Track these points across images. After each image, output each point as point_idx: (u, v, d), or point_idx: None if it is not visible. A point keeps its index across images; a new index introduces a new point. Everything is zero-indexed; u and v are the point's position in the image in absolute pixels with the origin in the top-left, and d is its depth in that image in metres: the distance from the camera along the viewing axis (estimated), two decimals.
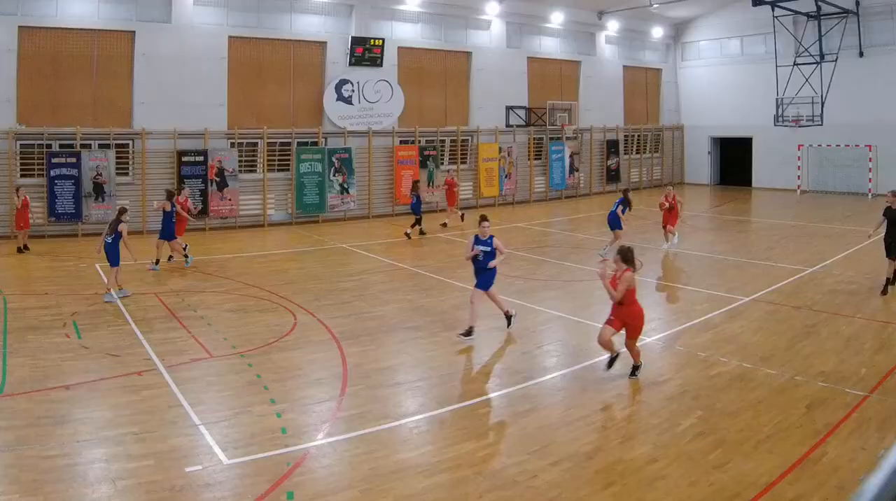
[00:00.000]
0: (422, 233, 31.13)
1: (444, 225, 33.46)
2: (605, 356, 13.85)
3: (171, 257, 24.81)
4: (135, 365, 14.08)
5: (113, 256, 19.99)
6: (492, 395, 12.94)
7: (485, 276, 16.21)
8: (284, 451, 10.36)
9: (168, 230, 24.06)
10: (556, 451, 10.36)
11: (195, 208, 31.34)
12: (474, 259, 16.16)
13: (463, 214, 34.43)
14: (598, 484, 9.44)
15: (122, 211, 20.94)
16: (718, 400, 12.37)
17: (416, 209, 31.23)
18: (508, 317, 16.65)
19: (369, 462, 10.10)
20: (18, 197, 27.17)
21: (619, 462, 10.06)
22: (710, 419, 11.54)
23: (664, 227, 27.15)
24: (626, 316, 13.32)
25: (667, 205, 26.93)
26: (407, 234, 30.51)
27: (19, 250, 26.80)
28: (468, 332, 15.96)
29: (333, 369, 14.04)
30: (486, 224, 16.12)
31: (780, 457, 10.10)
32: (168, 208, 24.02)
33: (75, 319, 17.45)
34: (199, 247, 27.95)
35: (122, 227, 20.28)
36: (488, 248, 15.97)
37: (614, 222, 25.33)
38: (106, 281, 20.49)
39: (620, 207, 25.33)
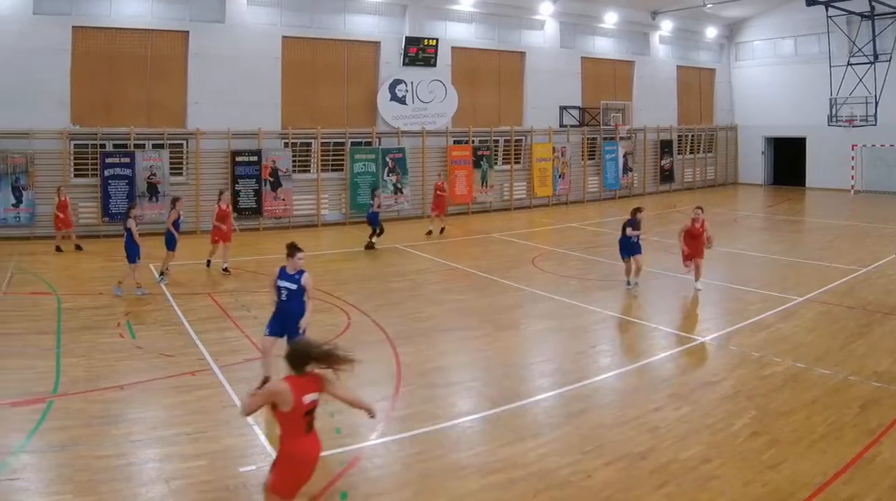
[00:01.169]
0: (369, 246, 26.87)
1: (430, 233, 30.25)
2: (659, 355, 14.18)
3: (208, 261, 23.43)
4: (188, 365, 13.68)
5: (130, 252, 19.56)
6: (545, 395, 12.41)
7: (287, 319, 12.20)
8: (338, 451, 9.98)
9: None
10: (610, 451, 10.03)
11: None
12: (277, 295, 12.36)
13: (443, 228, 30.68)
14: (651, 484, 9.14)
15: (132, 208, 20.70)
16: (772, 399, 11.99)
17: (374, 220, 26.99)
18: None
19: (422, 462, 9.85)
20: (59, 197, 26.03)
21: (673, 462, 9.71)
22: (764, 419, 11.18)
23: (689, 260, 19.66)
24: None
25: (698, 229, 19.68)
26: (372, 245, 26.98)
27: (58, 249, 25.76)
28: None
29: (387, 369, 13.56)
30: (299, 255, 11.97)
31: (834, 457, 9.81)
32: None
33: (129, 319, 16.88)
34: (253, 247, 26.98)
35: (130, 223, 19.51)
36: (293, 286, 12.07)
37: (630, 248, 19.86)
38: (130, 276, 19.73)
39: (630, 229, 19.77)
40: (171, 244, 21.28)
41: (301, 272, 12.12)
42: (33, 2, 28.00)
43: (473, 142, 37.61)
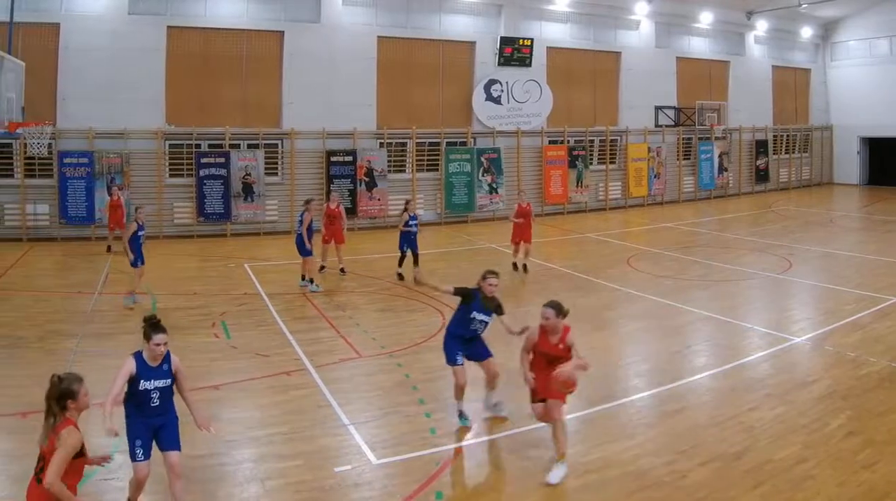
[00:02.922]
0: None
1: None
2: (755, 355, 13.45)
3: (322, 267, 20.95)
4: (284, 365, 12.86)
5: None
6: (640, 395, 11.67)
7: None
8: (433, 451, 9.50)
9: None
10: (705, 451, 9.44)
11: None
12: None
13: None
14: (746, 485, 8.56)
15: (138, 212, 17.76)
16: (867, 400, 11.18)
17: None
18: None
19: (518, 461, 9.32)
20: (112, 196, 23.51)
21: (768, 463, 9.12)
22: (859, 419, 10.44)
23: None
24: None
25: None
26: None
27: (109, 249, 23.22)
28: None
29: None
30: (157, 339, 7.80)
31: None
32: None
33: (224, 319, 15.82)
34: (348, 247, 23.88)
35: (130, 226, 16.94)
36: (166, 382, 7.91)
37: None
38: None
39: None
40: (304, 250, 18.62)
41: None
42: (128, 2, 25.69)
43: (569, 142, 34.19)
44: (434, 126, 31.17)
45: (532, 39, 32.67)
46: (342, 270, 20.52)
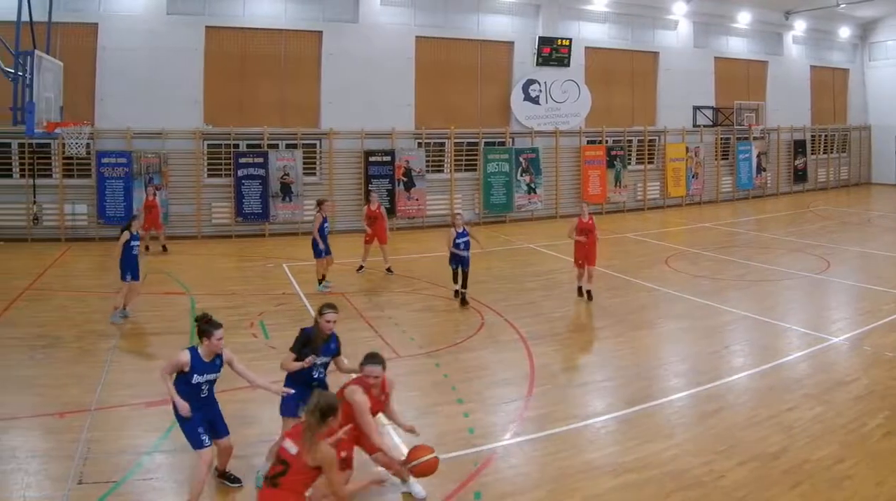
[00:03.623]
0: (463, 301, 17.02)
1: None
2: (793, 355, 12.92)
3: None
4: None
5: (121, 269, 15.08)
6: (678, 395, 11.14)
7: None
8: (472, 451, 9.11)
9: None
10: (743, 451, 8.97)
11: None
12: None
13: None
14: (785, 484, 8.14)
15: (131, 221, 15.71)
16: None
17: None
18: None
19: (556, 462, 8.85)
20: (147, 195, 22.48)
21: (806, 462, 8.66)
22: None
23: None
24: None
25: None
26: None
27: (147, 249, 21.91)
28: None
29: (520, 369, 12.19)
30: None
31: None
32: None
33: (262, 319, 15.11)
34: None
35: (124, 236, 15.00)
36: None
37: None
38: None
39: None
40: (317, 251, 17.54)
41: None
42: (167, 2, 24.49)
43: (607, 142, 32.45)
44: (472, 126, 29.62)
45: (570, 39, 31.04)
46: (388, 270, 19.57)
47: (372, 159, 27.31)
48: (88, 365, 11.98)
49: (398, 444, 9.15)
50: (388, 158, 27.54)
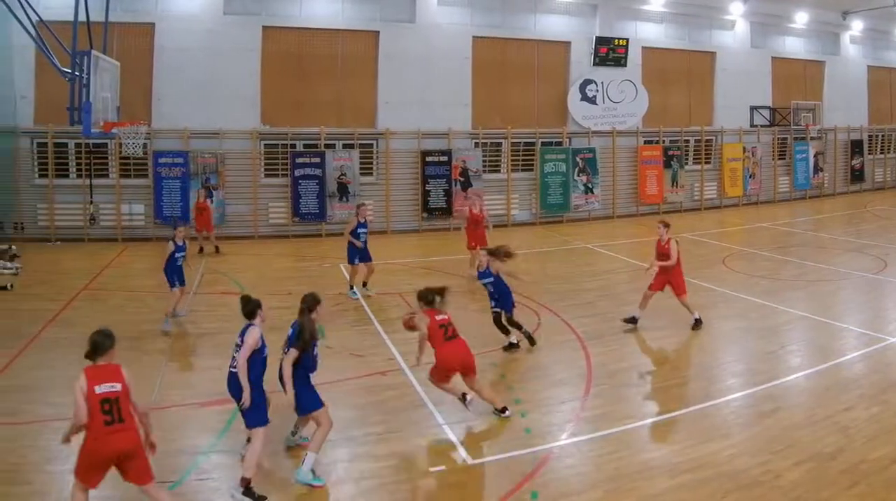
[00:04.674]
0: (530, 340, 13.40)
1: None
2: (850, 355, 11.79)
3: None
4: (378, 365, 11.46)
5: (167, 276, 13.73)
6: (735, 395, 10.13)
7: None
8: (528, 451, 8.34)
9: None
10: (800, 451, 8.20)
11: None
12: None
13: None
14: (842, 485, 7.49)
15: (177, 229, 14.18)
16: None
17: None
18: None
19: (613, 462, 8.07)
20: (198, 198, 20.56)
21: (863, 463, 7.92)
22: None
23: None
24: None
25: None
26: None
27: (201, 250, 20.25)
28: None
29: (577, 369, 11.31)
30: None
31: None
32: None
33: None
34: (443, 247, 22.06)
35: (169, 246, 13.67)
36: None
37: None
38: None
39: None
40: (349, 256, 15.74)
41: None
42: (224, 2, 22.48)
43: (664, 142, 29.62)
44: (529, 126, 27.05)
45: (627, 39, 28.30)
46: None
47: (429, 159, 24.98)
48: (145, 365, 10.97)
49: None
50: (444, 158, 25.19)
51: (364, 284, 15.86)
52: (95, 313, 13.97)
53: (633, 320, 13.31)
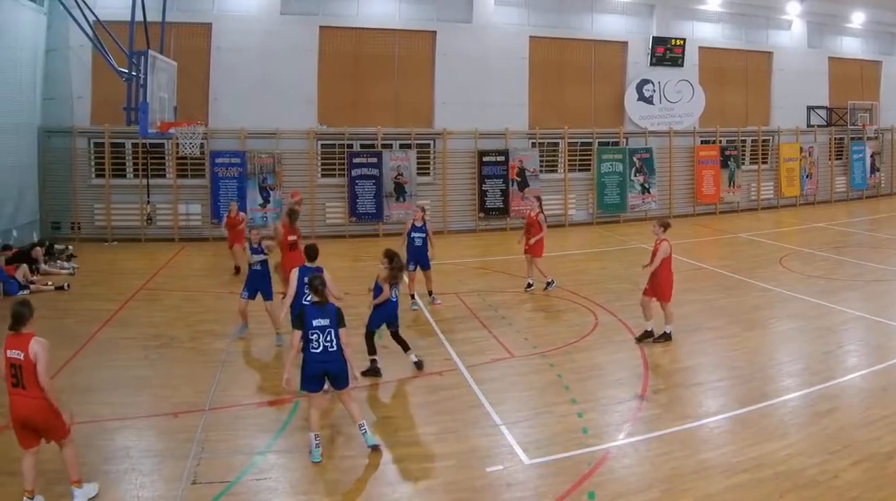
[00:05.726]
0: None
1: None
2: None
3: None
4: (436, 365, 10.15)
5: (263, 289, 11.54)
6: (792, 395, 9.12)
7: None
8: (585, 451, 7.53)
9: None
10: (857, 451, 7.46)
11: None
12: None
13: None
14: None
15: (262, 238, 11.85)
16: None
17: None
18: None
19: (670, 462, 7.30)
20: (229, 211, 16.47)
21: None
22: None
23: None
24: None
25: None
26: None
27: (237, 271, 15.81)
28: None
29: (634, 369, 10.08)
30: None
31: None
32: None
33: None
34: (500, 247, 20.13)
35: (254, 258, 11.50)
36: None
37: None
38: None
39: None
40: (407, 261, 13.23)
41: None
42: (281, 2, 20.40)
43: (721, 142, 26.77)
44: (586, 126, 24.47)
45: (684, 39, 25.50)
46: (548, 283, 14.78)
47: (485, 159, 22.57)
48: (202, 364, 10.29)
49: None
50: (501, 158, 22.76)
51: (429, 293, 13.78)
52: (152, 313, 12.91)
53: (648, 335, 11.22)
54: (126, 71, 14.38)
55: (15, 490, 6.43)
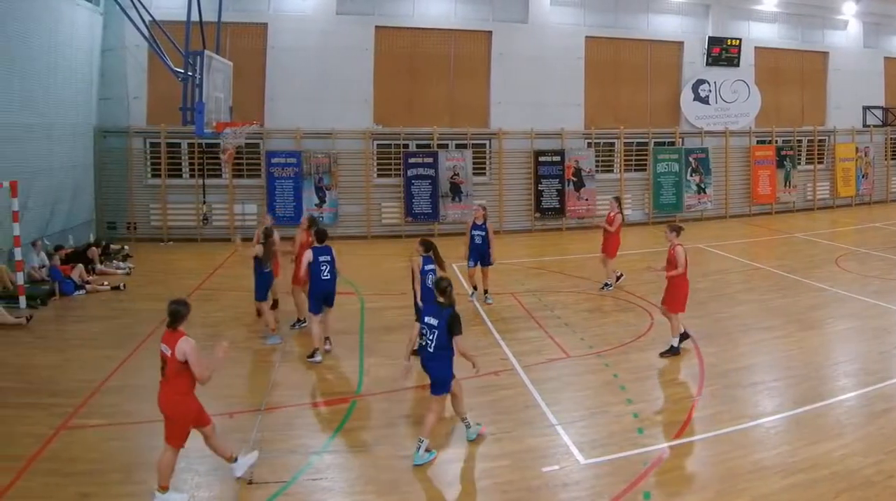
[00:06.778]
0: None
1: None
2: None
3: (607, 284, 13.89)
4: (492, 365, 9.20)
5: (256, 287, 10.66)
6: (848, 395, 8.30)
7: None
8: (641, 451, 6.90)
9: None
10: None
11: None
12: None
13: None
14: None
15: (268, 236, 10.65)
16: None
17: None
18: None
19: (725, 462, 6.68)
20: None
21: None
22: None
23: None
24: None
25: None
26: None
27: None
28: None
29: (690, 369, 9.20)
30: None
31: None
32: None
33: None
34: (556, 247, 18.63)
35: (257, 250, 10.54)
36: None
37: None
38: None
39: None
40: (469, 258, 12.62)
41: None
42: (336, 2, 18.45)
43: (777, 142, 24.10)
44: (642, 126, 22.02)
45: (740, 39, 22.88)
46: (606, 284, 13.62)
47: (541, 159, 20.32)
48: (257, 365, 9.60)
49: None
50: (557, 158, 20.48)
51: (485, 291, 12.54)
52: (208, 313, 11.77)
53: (684, 336, 9.97)
54: (182, 71, 13.23)
55: (72, 490, 6.06)
